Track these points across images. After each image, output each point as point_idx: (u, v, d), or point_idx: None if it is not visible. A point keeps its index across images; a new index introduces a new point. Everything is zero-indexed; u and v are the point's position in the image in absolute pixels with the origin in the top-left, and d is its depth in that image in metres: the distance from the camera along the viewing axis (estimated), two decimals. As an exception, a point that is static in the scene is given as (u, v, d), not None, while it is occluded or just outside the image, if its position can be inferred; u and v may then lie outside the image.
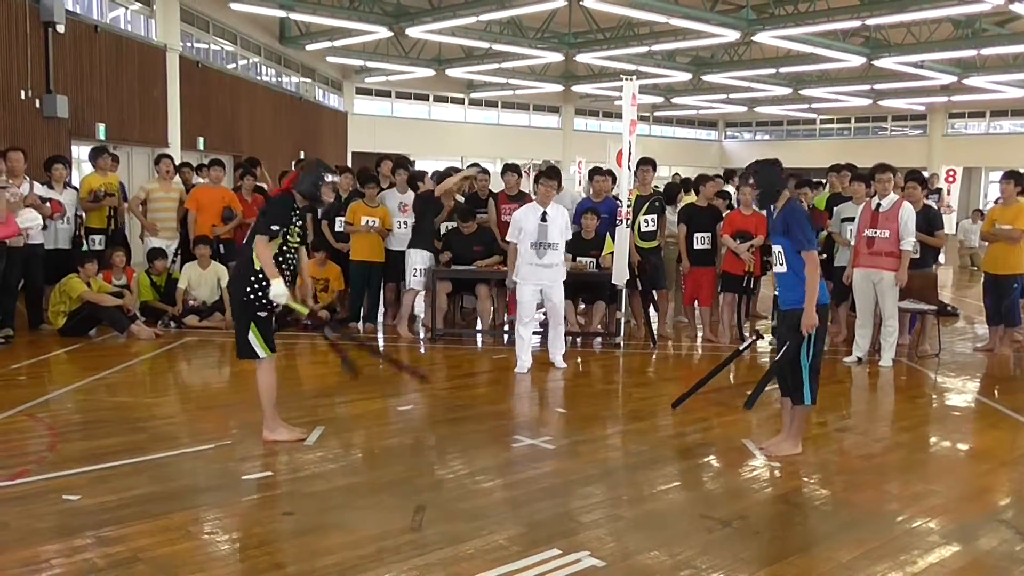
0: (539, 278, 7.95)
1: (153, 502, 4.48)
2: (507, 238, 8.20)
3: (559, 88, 32.28)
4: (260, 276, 5.29)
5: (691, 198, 10.30)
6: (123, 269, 9.64)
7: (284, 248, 5.41)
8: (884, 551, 4.13)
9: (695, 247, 9.56)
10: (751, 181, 5.43)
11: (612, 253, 8.97)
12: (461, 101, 34.86)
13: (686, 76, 27.97)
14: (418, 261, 9.34)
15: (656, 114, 38.80)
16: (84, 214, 9.83)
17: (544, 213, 7.96)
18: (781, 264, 5.41)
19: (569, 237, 8.34)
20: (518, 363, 7.95)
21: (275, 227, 5.28)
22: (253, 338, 5.36)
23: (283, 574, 3.73)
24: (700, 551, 4.02)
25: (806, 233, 5.30)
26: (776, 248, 5.45)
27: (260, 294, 5.31)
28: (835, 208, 9.37)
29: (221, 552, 3.97)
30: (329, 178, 5.46)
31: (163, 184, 10.38)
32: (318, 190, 5.42)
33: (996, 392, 7.86)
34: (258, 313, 5.36)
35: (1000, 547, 4.23)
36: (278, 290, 5.27)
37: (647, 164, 9.82)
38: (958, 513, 4.64)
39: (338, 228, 9.92)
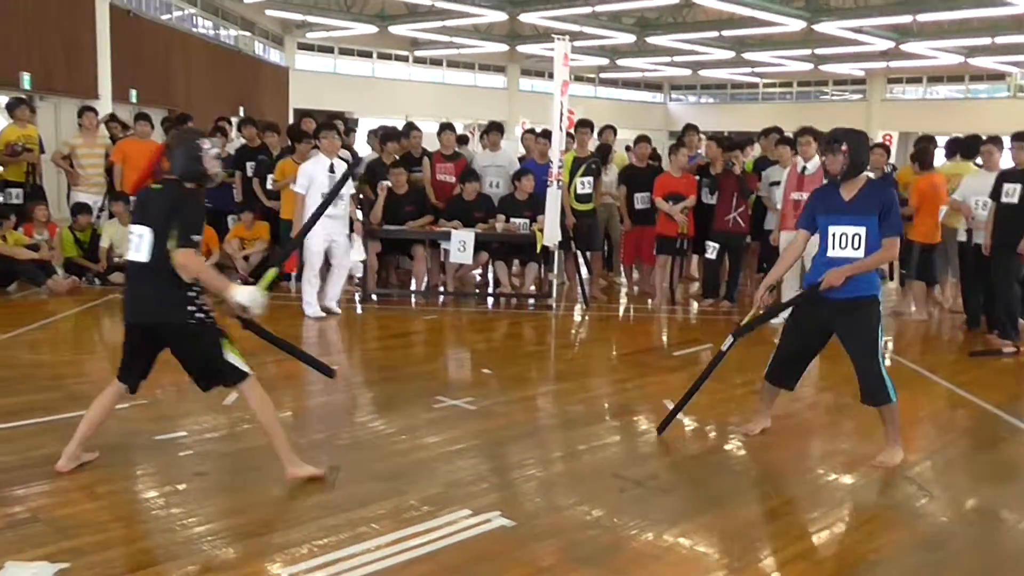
0: (329, 229, 8.03)
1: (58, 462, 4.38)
2: (295, 189, 8.22)
3: (504, 48, 31.96)
4: (194, 287, 4.14)
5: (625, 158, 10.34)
6: (45, 224, 9.37)
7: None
8: (792, 507, 4.22)
9: (636, 207, 9.63)
10: (843, 148, 4.71)
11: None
12: (405, 59, 34.32)
13: (630, 38, 27.88)
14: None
15: (602, 75, 38.68)
16: (1, 167, 9.49)
17: (332, 165, 8.13)
18: (857, 248, 4.69)
19: (352, 191, 8.38)
20: (308, 309, 8.16)
21: (195, 237, 4.05)
22: (232, 356, 4.18)
23: (188, 535, 3.67)
24: (610, 510, 4.05)
25: (899, 218, 4.80)
26: (850, 230, 4.72)
27: (205, 306, 4.19)
28: (763, 172, 9.42)
29: (124, 512, 3.90)
30: (207, 145, 4.20)
31: (87, 138, 10.08)
32: (200, 164, 4.16)
33: (911, 352, 8.02)
34: (216, 326, 4.24)
35: (904, 503, 4.34)
36: (248, 296, 4.10)
37: (585, 126, 9.82)
38: (867, 470, 4.75)
39: (268, 186, 9.72)
